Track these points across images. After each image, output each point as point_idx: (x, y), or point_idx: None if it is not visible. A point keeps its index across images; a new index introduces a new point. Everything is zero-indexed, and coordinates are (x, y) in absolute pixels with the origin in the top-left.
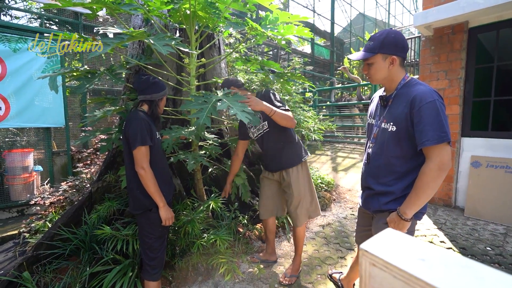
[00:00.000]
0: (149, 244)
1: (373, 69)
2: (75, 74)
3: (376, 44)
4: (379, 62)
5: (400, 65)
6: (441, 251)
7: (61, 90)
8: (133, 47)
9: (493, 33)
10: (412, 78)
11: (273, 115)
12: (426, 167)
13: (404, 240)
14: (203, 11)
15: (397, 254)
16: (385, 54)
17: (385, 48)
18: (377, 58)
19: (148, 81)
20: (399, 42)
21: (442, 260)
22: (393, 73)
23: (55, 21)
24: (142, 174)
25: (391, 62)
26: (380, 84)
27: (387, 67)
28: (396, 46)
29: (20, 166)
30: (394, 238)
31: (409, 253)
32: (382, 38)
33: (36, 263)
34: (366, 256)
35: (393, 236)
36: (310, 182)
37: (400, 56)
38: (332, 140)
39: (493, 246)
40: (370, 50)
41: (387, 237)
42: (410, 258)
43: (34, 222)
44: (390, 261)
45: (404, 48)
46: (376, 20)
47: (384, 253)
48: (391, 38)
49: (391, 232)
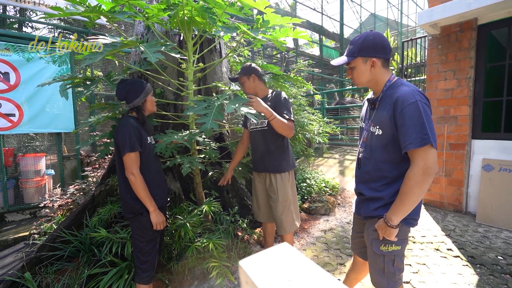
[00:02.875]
0: (140, 248)
1: (355, 73)
2: (76, 81)
3: (355, 48)
4: (360, 66)
5: (382, 67)
6: (317, 272)
7: (71, 97)
8: (136, 53)
9: (504, 29)
10: (398, 79)
11: (272, 120)
12: (411, 171)
13: (288, 258)
14: (200, 16)
15: (268, 273)
16: (365, 57)
17: (363, 51)
18: (357, 61)
19: (125, 89)
20: (377, 44)
21: (309, 282)
22: (376, 75)
23: (71, 31)
24: (131, 179)
25: (371, 65)
26: None
27: (369, 70)
28: (375, 49)
29: (32, 170)
30: (280, 255)
31: (282, 272)
32: (360, 41)
33: (39, 264)
34: (241, 273)
35: (280, 253)
36: (294, 192)
37: (380, 57)
38: (340, 143)
39: (506, 256)
40: (349, 54)
41: (274, 253)
42: (278, 278)
43: (43, 224)
44: (255, 281)
45: (385, 49)
46: (387, 20)
47: (256, 272)
48: (369, 41)
49: (283, 247)
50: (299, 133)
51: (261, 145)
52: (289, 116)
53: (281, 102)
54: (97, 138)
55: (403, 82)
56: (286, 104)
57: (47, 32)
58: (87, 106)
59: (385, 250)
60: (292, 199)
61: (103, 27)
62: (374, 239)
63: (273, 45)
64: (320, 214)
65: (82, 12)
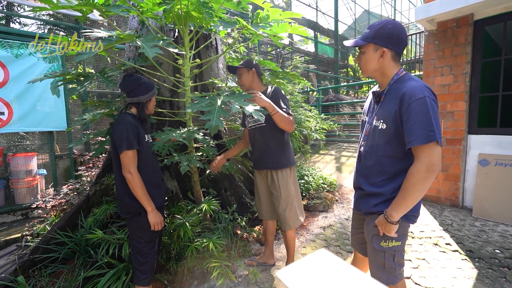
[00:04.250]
0: (139, 249)
1: (363, 59)
2: (68, 77)
3: (370, 33)
4: (370, 52)
5: (392, 59)
6: (361, 279)
7: (62, 94)
8: (130, 49)
9: (501, 25)
10: (406, 73)
11: (274, 114)
12: (414, 168)
13: (328, 267)
14: (196, 11)
15: (309, 285)
16: (376, 45)
17: (377, 38)
18: (369, 47)
19: (135, 82)
20: (393, 34)
21: None
22: (384, 66)
23: (61, 27)
24: (129, 178)
25: (381, 55)
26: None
27: (377, 59)
28: (390, 39)
29: (24, 169)
30: (319, 264)
31: (324, 283)
32: (378, 27)
33: (32, 266)
34: (279, 285)
35: (319, 261)
36: (297, 188)
37: (392, 49)
38: (336, 140)
39: (503, 249)
40: (363, 38)
41: (312, 263)
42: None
43: (36, 225)
44: None
45: (400, 42)
46: (381, 17)
47: (296, 284)
48: (386, 29)
49: (320, 254)
50: (296, 130)
51: (260, 142)
52: (287, 110)
53: (277, 97)
54: (91, 137)
55: (412, 77)
56: (284, 99)
57: (36, 28)
58: (79, 104)
59: (385, 246)
60: (295, 195)
61: (95, 22)
62: (374, 235)
63: (268, 41)
64: (318, 211)
65: (75, 6)
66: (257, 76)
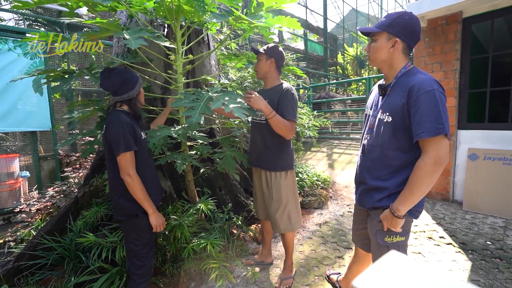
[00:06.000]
0: (136, 252)
1: (373, 47)
2: (52, 74)
3: (386, 22)
4: (382, 41)
5: (402, 52)
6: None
7: (46, 92)
8: (118, 45)
9: (488, 22)
10: (414, 67)
11: (270, 118)
12: (422, 161)
13: (406, 270)
14: (188, 5)
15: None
16: (390, 34)
17: (392, 27)
18: (382, 35)
19: (118, 79)
20: (409, 26)
21: None
22: (394, 58)
23: (43, 22)
24: (128, 181)
25: (392, 45)
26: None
27: (388, 49)
28: (405, 30)
29: (5, 172)
30: (395, 269)
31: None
32: (394, 17)
33: (17, 274)
34: None
35: (393, 264)
36: (294, 193)
37: (404, 41)
38: (328, 137)
39: (493, 240)
40: (378, 26)
41: (386, 266)
42: None
43: (19, 230)
44: None
45: (414, 35)
46: (368, 15)
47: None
48: (403, 20)
49: (393, 256)
50: None
51: (259, 139)
52: (292, 116)
53: (287, 98)
54: (79, 137)
55: (419, 70)
56: (292, 102)
57: (15, 24)
58: (63, 103)
59: (389, 242)
60: (289, 200)
61: (79, 17)
62: (379, 231)
63: (259, 39)
64: (313, 208)
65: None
66: (275, 68)
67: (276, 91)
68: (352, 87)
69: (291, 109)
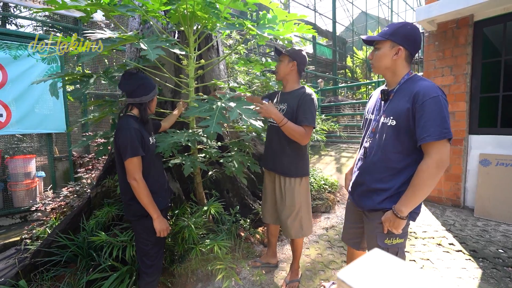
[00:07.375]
0: (146, 251)
1: (377, 55)
2: (71, 78)
3: (389, 31)
4: (385, 49)
5: (405, 59)
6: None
7: (61, 96)
8: (131, 50)
9: (500, 26)
10: (416, 74)
11: (282, 126)
12: (424, 164)
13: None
14: (202, 11)
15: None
16: (393, 42)
17: (395, 36)
18: (385, 44)
19: (136, 82)
20: (411, 35)
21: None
22: (397, 65)
23: (59, 28)
24: (134, 185)
25: (396, 52)
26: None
27: (391, 57)
28: (407, 38)
29: (22, 172)
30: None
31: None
32: (397, 26)
33: (34, 270)
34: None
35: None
36: (307, 200)
37: (407, 49)
38: (336, 141)
39: (506, 248)
40: (381, 35)
41: (371, 262)
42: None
43: (35, 228)
44: None
45: (415, 43)
46: (378, 18)
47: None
48: (405, 29)
49: (377, 254)
50: None
51: (275, 143)
52: (309, 121)
53: (307, 103)
54: (94, 138)
55: (422, 77)
56: (311, 107)
57: (32, 30)
58: (76, 106)
59: (389, 243)
60: (302, 207)
61: (94, 23)
62: (379, 233)
63: (268, 42)
64: (320, 211)
65: (83, 6)
66: (297, 71)
67: (296, 95)
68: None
69: (310, 113)
